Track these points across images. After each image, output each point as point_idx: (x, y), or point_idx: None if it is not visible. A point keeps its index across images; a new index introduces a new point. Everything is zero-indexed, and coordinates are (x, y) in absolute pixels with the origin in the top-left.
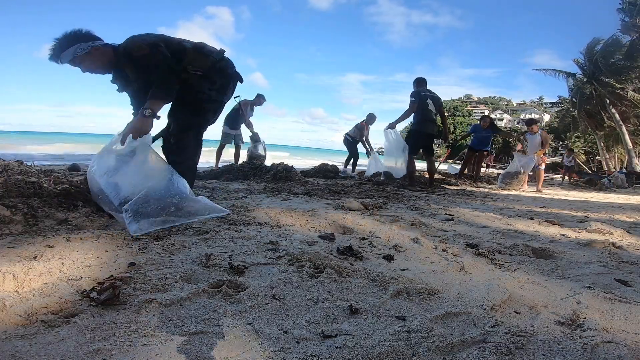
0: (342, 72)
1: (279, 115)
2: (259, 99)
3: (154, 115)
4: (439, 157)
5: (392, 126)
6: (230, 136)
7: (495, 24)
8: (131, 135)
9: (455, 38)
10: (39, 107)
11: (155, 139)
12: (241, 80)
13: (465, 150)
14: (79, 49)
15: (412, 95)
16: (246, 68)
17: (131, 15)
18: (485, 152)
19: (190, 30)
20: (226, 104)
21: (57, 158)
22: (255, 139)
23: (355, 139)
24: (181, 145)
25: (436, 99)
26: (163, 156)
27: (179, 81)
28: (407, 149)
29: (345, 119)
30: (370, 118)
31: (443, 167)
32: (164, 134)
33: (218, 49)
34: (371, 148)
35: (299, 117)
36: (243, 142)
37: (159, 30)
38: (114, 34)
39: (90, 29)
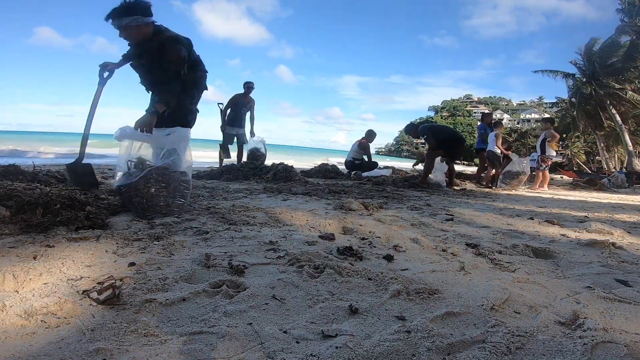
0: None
1: (290, 115)
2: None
3: (158, 114)
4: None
5: None
6: (231, 135)
7: None
8: (141, 127)
9: (570, 31)
10: (38, 107)
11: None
12: (206, 88)
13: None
14: (134, 20)
15: None
16: (274, 60)
17: None
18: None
19: (214, 4)
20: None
21: (57, 158)
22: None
23: (361, 159)
24: None
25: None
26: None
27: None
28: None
29: (362, 120)
30: (370, 135)
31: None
32: None
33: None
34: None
35: (311, 117)
36: (247, 142)
37: (173, 6)
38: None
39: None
